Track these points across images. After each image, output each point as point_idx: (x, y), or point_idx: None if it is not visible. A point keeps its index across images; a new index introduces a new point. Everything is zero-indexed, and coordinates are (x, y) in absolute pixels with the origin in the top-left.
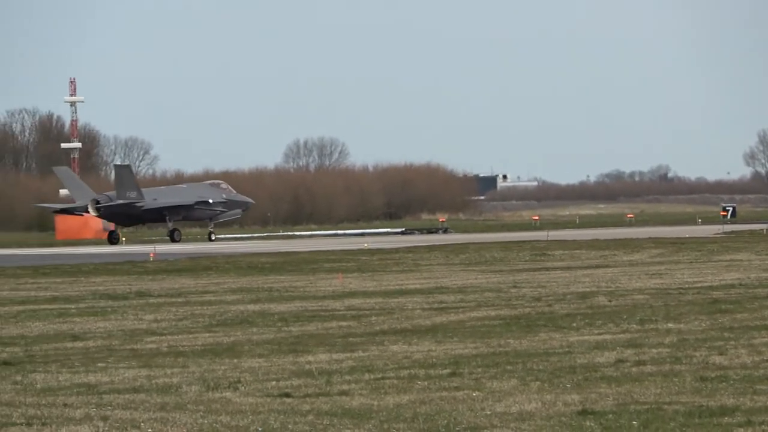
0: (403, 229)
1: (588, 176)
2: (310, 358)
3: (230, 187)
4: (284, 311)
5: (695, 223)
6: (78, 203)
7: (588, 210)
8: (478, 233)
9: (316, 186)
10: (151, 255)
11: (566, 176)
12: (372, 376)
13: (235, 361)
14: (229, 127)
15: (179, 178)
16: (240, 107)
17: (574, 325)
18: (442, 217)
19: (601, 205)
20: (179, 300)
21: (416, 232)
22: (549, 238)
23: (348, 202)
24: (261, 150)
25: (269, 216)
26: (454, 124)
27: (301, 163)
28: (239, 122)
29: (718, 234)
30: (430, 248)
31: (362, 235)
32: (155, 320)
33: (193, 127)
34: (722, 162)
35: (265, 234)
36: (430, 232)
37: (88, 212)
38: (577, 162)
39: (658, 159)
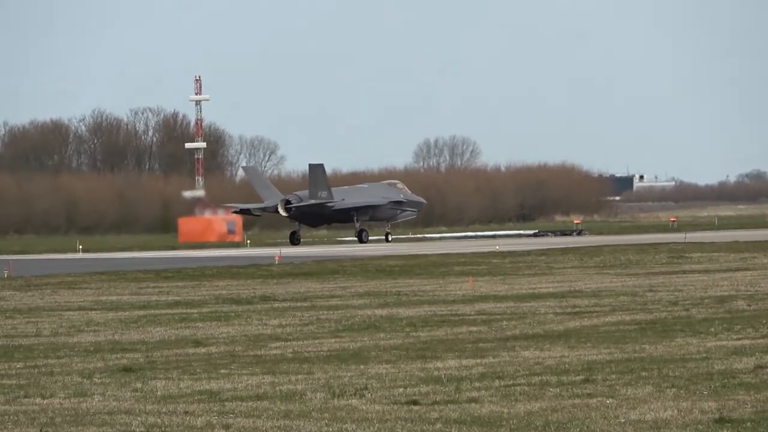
0: (536, 231)
1: (727, 176)
2: (439, 364)
3: (406, 187)
4: (412, 316)
5: None
6: (267, 203)
7: (727, 211)
8: (613, 235)
9: (447, 186)
10: (277, 258)
11: (705, 176)
12: (502, 383)
13: (362, 367)
14: (357, 127)
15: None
16: (368, 105)
17: (712, 330)
18: (576, 219)
19: (741, 206)
20: (305, 304)
21: (549, 234)
22: (686, 240)
23: (479, 203)
24: (390, 150)
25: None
26: (590, 123)
27: (431, 163)
28: (367, 121)
29: None
30: (564, 251)
31: (494, 237)
32: (280, 325)
33: (318, 126)
34: None
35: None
36: (563, 234)
37: (277, 212)
38: (716, 162)
39: None
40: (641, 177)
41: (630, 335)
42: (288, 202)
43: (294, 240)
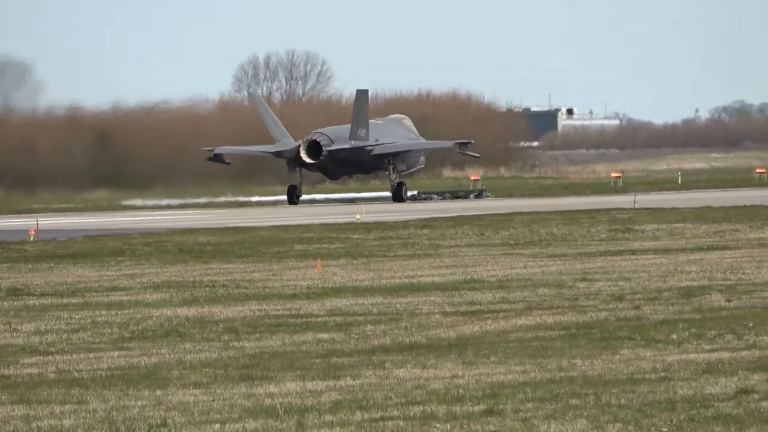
0: (416, 192)
1: (697, 111)
2: (273, 388)
3: (413, 126)
4: (233, 317)
5: None
6: (279, 145)
7: (696, 162)
8: (528, 198)
9: (284, 125)
10: (32, 232)
11: (663, 112)
12: (366, 416)
13: (159, 393)
14: (151, 47)
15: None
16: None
17: (674, 337)
18: (474, 175)
19: (717, 155)
20: (74, 301)
21: (435, 196)
22: (637, 206)
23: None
24: (199, 74)
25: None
26: (493, 38)
27: (260, 92)
28: (166, 41)
29: None
30: (457, 221)
31: (353, 201)
32: (37, 332)
33: (90, 47)
34: None
35: (202, 200)
36: (456, 196)
37: (296, 158)
38: (679, 92)
39: None
40: (569, 112)
41: (554, 345)
42: (314, 144)
43: (295, 196)
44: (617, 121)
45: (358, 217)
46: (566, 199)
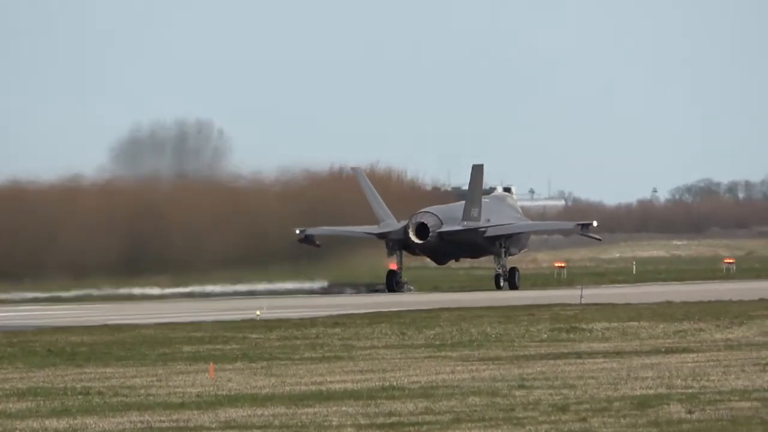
0: (326, 283)
1: (655, 191)
2: None
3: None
4: (111, 430)
5: None
6: (383, 225)
7: (654, 250)
8: (457, 292)
9: (172, 206)
10: None
11: (616, 191)
12: None
13: None
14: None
15: None
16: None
17: None
18: (392, 263)
19: (678, 242)
20: None
21: (349, 289)
22: (584, 301)
23: (229, 234)
24: (73, 147)
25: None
26: (416, 107)
27: (143, 168)
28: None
29: None
30: (373, 318)
31: (252, 294)
32: None
33: None
34: None
35: (80, 292)
36: (374, 290)
37: (405, 239)
38: (634, 168)
39: None
40: (507, 191)
41: None
42: (422, 226)
43: (395, 283)
44: (562, 202)
45: (257, 313)
46: (502, 293)
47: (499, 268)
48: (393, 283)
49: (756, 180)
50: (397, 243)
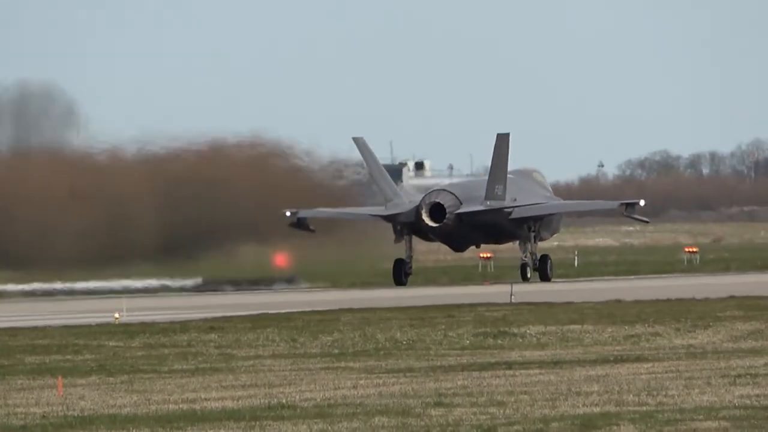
0: (200, 280)
1: (601, 166)
2: None
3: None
4: None
5: None
6: (391, 206)
7: (601, 238)
8: (361, 288)
9: (10, 184)
10: None
11: (554, 166)
12: None
13: None
14: None
15: None
16: None
17: None
18: (281, 253)
19: (630, 228)
20: None
21: (228, 287)
22: (515, 300)
23: (81, 220)
24: None
25: None
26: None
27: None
28: None
29: None
30: (258, 322)
31: (109, 293)
32: None
33: None
34: None
35: None
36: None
37: (418, 222)
38: (577, 139)
39: (746, 130)
40: (419, 166)
41: None
42: (437, 206)
43: (404, 274)
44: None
45: (116, 316)
46: (414, 289)
47: (525, 256)
48: (402, 274)
49: (725, 152)
50: (408, 226)
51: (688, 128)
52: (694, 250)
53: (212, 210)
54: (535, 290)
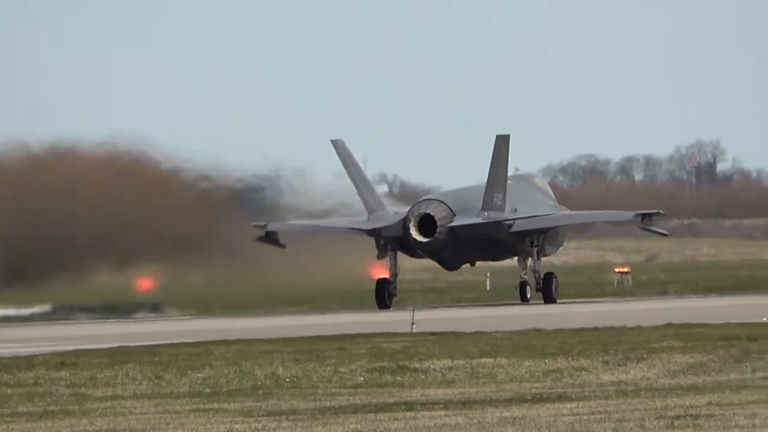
0: (48, 307)
1: (517, 170)
2: None
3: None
4: None
5: None
6: (374, 218)
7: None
8: (236, 316)
9: None
10: None
11: (461, 173)
12: None
13: None
14: None
15: None
16: None
17: None
18: (146, 279)
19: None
20: None
21: (81, 315)
22: (417, 329)
23: None
24: None
25: None
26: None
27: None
28: None
29: None
30: (116, 356)
31: None
32: None
33: None
34: None
35: None
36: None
37: (408, 237)
38: (485, 143)
39: (685, 131)
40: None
41: None
42: (427, 219)
43: (388, 295)
44: (384, 187)
45: None
46: (299, 317)
47: (525, 274)
48: (385, 296)
49: (661, 155)
50: (393, 241)
51: (619, 129)
52: (626, 270)
53: (62, 226)
54: (439, 317)
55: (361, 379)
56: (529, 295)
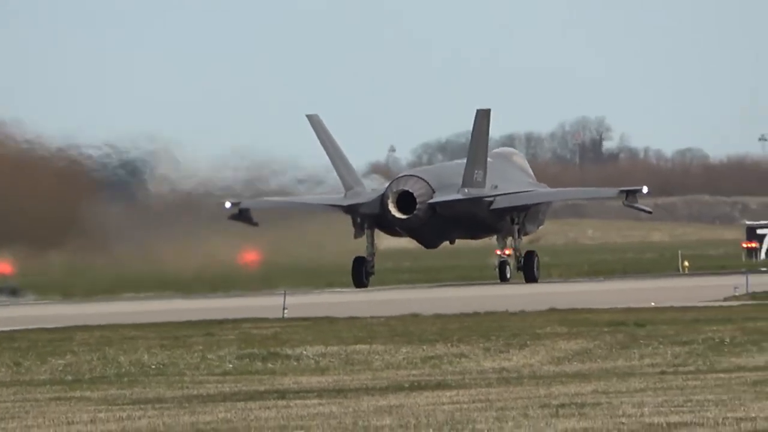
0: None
1: (392, 151)
2: None
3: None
4: None
5: (678, 272)
6: (351, 195)
7: (394, 239)
8: (102, 301)
9: None
10: None
11: (356, 145)
12: None
13: None
14: None
15: None
16: None
17: None
18: (3, 264)
19: None
20: None
21: None
22: (288, 314)
23: None
24: None
25: None
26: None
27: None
28: None
29: (731, 298)
30: None
31: None
32: None
33: None
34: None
35: None
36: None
37: (386, 214)
38: (366, 122)
39: (569, 107)
40: None
41: None
42: (406, 195)
43: (366, 274)
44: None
45: None
46: (164, 302)
47: (505, 253)
48: (363, 275)
49: (543, 132)
50: (371, 219)
51: (500, 104)
52: (507, 253)
53: None
54: (313, 302)
55: (230, 366)
56: (509, 275)
